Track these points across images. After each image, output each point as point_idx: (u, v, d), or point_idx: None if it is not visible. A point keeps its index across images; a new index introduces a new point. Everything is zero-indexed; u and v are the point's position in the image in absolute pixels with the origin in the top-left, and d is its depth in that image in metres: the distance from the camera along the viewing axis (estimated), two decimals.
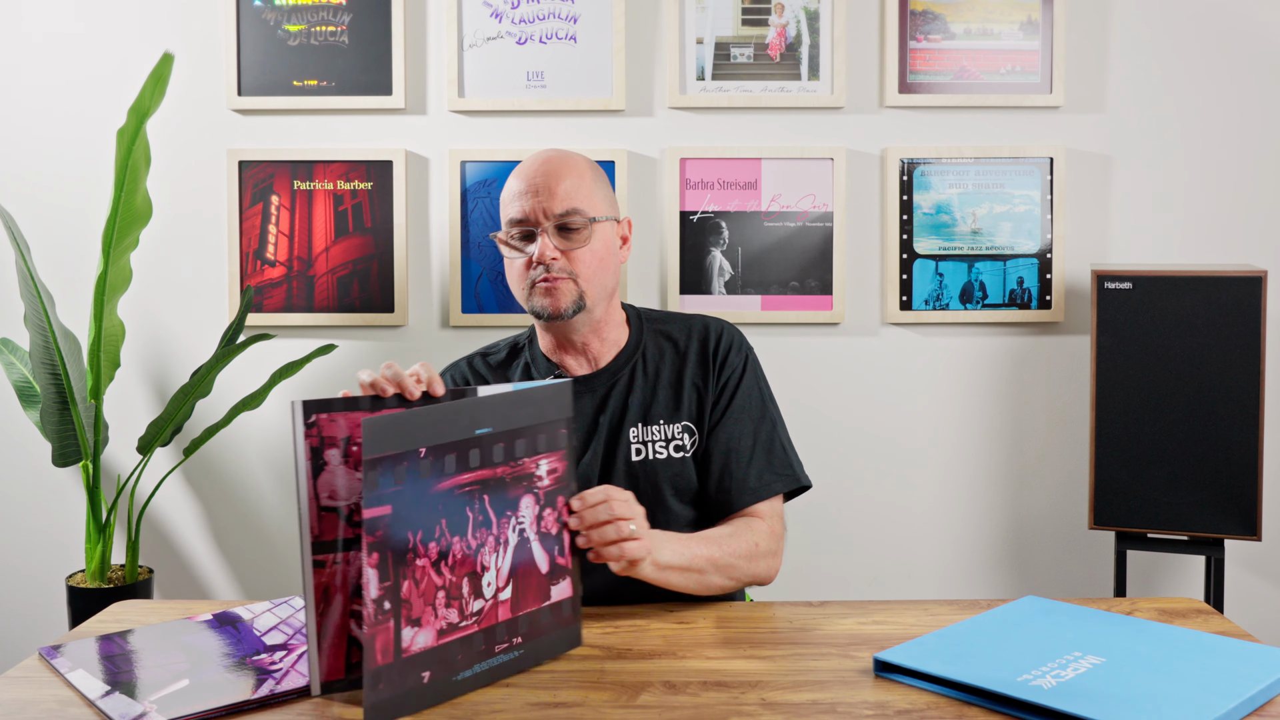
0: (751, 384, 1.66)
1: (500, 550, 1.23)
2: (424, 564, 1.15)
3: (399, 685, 1.13)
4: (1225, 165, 2.59)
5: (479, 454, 1.20)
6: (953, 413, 2.64)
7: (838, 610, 1.46)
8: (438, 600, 1.17)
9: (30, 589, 2.68)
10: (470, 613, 1.20)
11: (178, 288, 2.64)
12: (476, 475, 1.20)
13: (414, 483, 1.15)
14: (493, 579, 1.22)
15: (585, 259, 1.59)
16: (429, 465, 1.16)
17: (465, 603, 1.19)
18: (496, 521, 1.23)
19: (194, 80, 2.60)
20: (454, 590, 1.18)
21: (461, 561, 1.19)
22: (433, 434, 1.16)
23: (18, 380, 2.53)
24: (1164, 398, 2.30)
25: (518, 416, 1.25)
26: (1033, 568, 2.65)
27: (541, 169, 1.61)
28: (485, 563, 1.21)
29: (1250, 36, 2.58)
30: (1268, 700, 1.13)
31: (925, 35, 2.58)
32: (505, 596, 1.23)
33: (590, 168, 1.65)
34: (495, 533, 1.22)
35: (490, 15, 2.59)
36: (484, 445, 1.21)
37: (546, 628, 1.28)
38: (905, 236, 2.59)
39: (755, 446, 1.62)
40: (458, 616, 1.19)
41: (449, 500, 1.18)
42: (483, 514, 1.21)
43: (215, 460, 2.67)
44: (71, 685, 1.21)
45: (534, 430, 1.26)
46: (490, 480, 1.22)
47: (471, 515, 1.20)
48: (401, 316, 2.61)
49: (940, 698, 1.16)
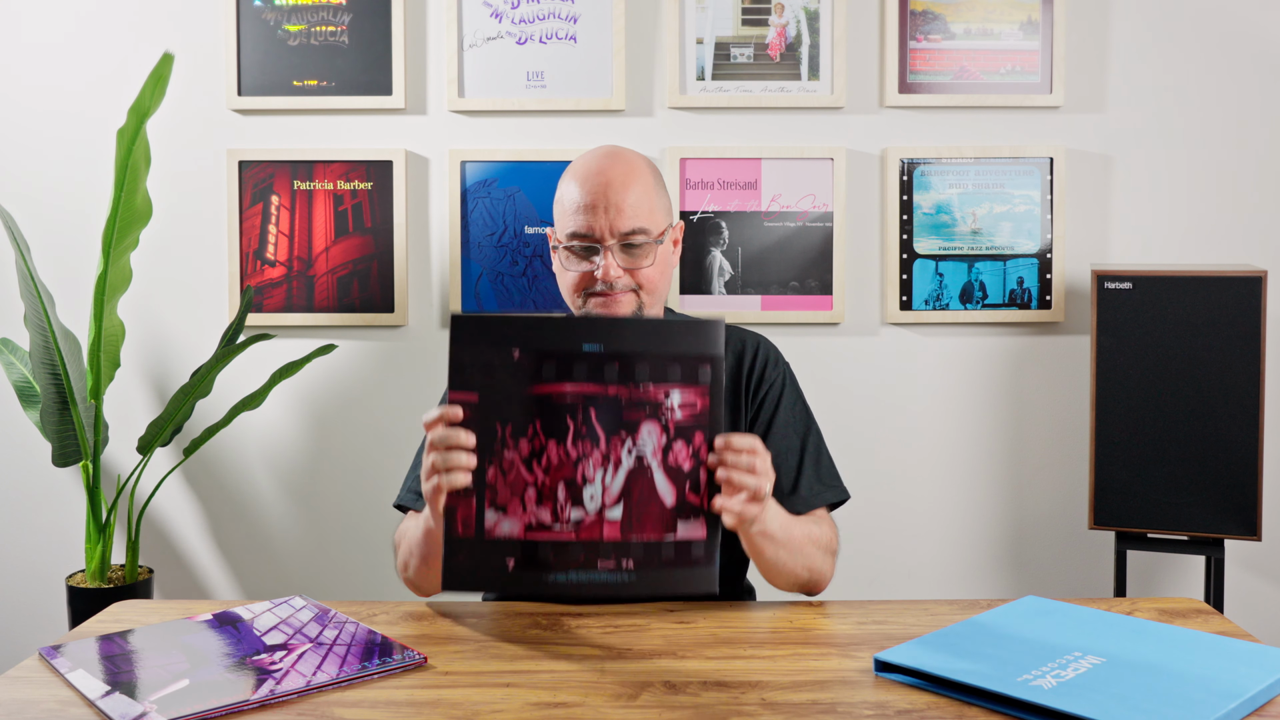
0: (793, 397, 1.67)
1: (608, 468, 1.24)
2: (513, 457, 1.21)
3: (480, 561, 1.18)
4: (1225, 165, 2.59)
5: (585, 368, 1.22)
6: (953, 413, 2.64)
7: (838, 610, 1.46)
8: (527, 495, 1.21)
9: (30, 589, 2.68)
10: (567, 519, 1.22)
11: (178, 288, 2.64)
12: (580, 388, 1.22)
13: (505, 379, 1.20)
14: (596, 493, 1.24)
15: (649, 275, 1.59)
16: (523, 367, 1.20)
17: (560, 507, 1.22)
18: (605, 438, 1.24)
19: (194, 80, 2.60)
20: (546, 491, 1.22)
21: (558, 466, 1.22)
22: (529, 340, 1.21)
23: (18, 380, 2.53)
24: (1164, 398, 2.30)
25: (641, 341, 1.25)
26: (1033, 568, 2.65)
27: (606, 179, 1.57)
28: (588, 475, 1.23)
29: (1250, 36, 2.58)
30: (1268, 700, 1.13)
31: (925, 35, 2.58)
32: (614, 516, 1.25)
33: (652, 174, 1.62)
34: (604, 449, 1.24)
35: (490, 15, 2.59)
36: (592, 361, 1.23)
37: (669, 562, 1.27)
38: (905, 236, 2.59)
39: (804, 459, 1.62)
40: (550, 518, 1.22)
41: (546, 405, 1.21)
42: (587, 426, 1.23)
43: (215, 460, 2.67)
44: (71, 685, 1.21)
45: (663, 359, 1.25)
46: (599, 397, 1.23)
47: (573, 425, 1.22)
48: (401, 316, 2.61)
49: (940, 698, 1.16)
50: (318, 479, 2.67)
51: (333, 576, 2.67)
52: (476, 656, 1.30)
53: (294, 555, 2.68)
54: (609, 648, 1.32)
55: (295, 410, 2.66)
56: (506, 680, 1.22)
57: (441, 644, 1.34)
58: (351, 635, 1.34)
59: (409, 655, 1.27)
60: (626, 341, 1.24)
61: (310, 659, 1.27)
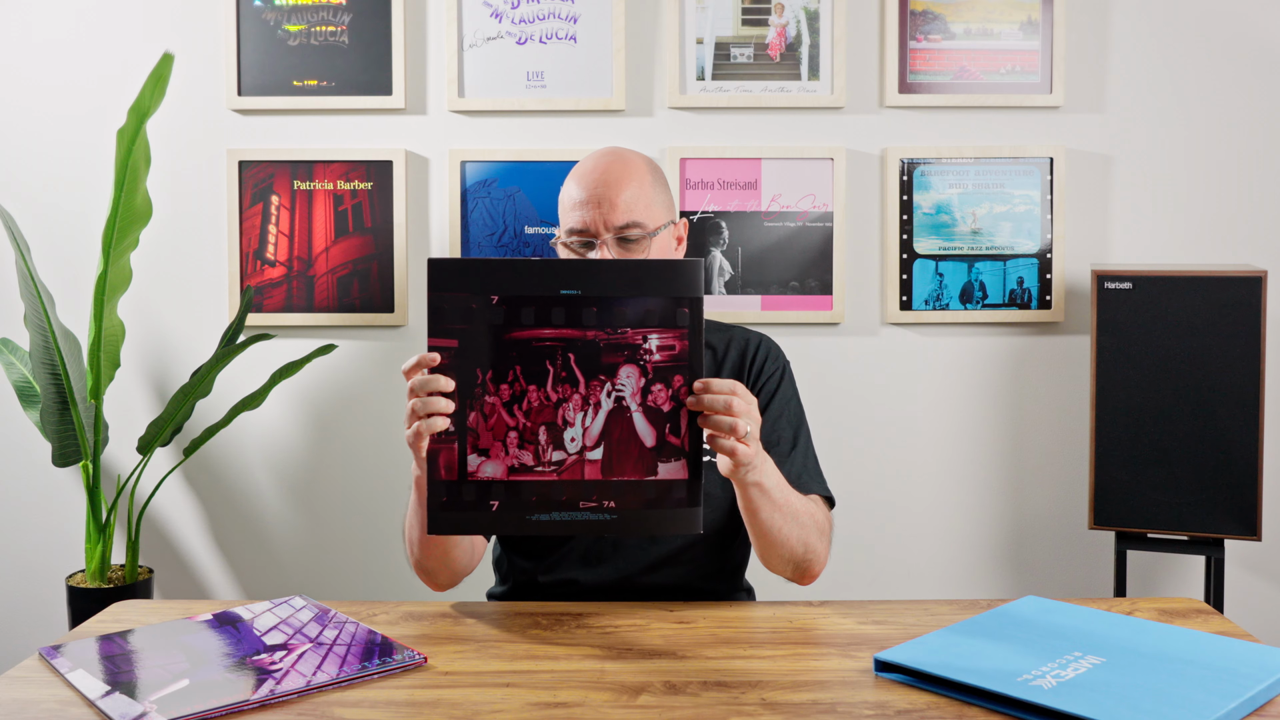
0: (789, 391, 1.68)
1: (588, 410, 1.26)
2: (493, 401, 1.23)
3: (463, 504, 1.22)
4: (1225, 165, 2.59)
5: (564, 313, 1.24)
6: (953, 413, 2.64)
7: (838, 610, 1.46)
8: (508, 438, 1.24)
9: (30, 589, 2.68)
10: (548, 460, 1.25)
11: (178, 288, 2.64)
12: (559, 333, 1.24)
13: (483, 324, 1.23)
14: (578, 435, 1.26)
15: None
16: (501, 313, 1.23)
17: (542, 449, 1.25)
18: (585, 382, 1.26)
19: (194, 80, 2.60)
20: (528, 434, 1.25)
21: (538, 410, 1.24)
22: (507, 285, 1.22)
23: (18, 380, 2.53)
24: (1164, 398, 2.30)
25: (619, 285, 1.26)
26: (1033, 568, 2.65)
27: (602, 177, 1.59)
28: (569, 418, 1.26)
29: (1250, 36, 2.58)
30: (1268, 700, 1.13)
31: (925, 35, 2.58)
32: (594, 457, 1.27)
33: (650, 171, 1.64)
34: (583, 392, 1.26)
35: (490, 15, 2.59)
36: (570, 306, 1.24)
37: (650, 501, 1.28)
38: (905, 236, 2.59)
39: (795, 447, 1.63)
40: (532, 460, 1.25)
41: (525, 349, 1.24)
42: (566, 370, 1.25)
43: (215, 460, 2.67)
44: (71, 685, 1.21)
45: (641, 302, 1.26)
46: (578, 341, 1.25)
47: (552, 369, 1.25)
48: (401, 316, 2.61)
49: (940, 698, 1.16)
50: (318, 479, 2.67)
51: (333, 576, 2.67)
52: (476, 656, 1.30)
53: (294, 555, 2.68)
54: (609, 648, 1.32)
55: (295, 410, 2.66)
56: (506, 680, 1.22)
57: (441, 644, 1.34)
58: (351, 635, 1.34)
59: (409, 655, 1.27)
60: (605, 285, 1.25)
61: (310, 659, 1.27)
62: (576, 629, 1.39)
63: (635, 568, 1.60)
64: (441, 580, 1.56)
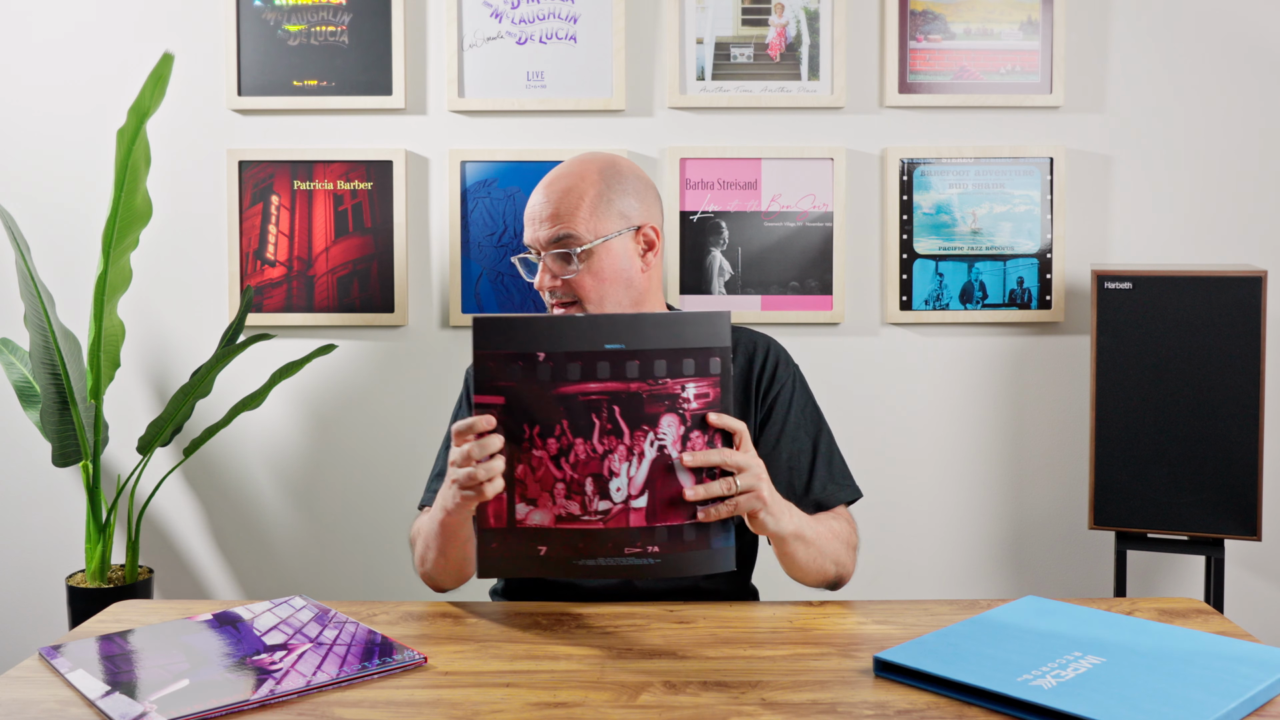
0: (804, 399, 1.68)
1: (633, 460, 1.27)
2: (541, 455, 1.24)
3: (512, 549, 1.24)
4: (1225, 165, 2.59)
5: (608, 367, 1.24)
6: (953, 413, 2.64)
7: (838, 610, 1.46)
8: (556, 490, 1.26)
9: (30, 589, 2.68)
10: (595, 510, 1.26)
11: (178, 288, 2.64)
12: (605, 386, 1.24)
13: (530, 382, 1.23)
14: (623, 485, 1.27)
15: (585, 283, 1.60)
16: (549, 369, 1.23)
17: (588, 499, 1.26)
18: (630, 433, 1.26)
19: (194, 80, 2.60)
20: (575, 486, 1.26)
21: (585, 462, 1.25)
22: (553, 341, 1.23)
23: (18, 380, 2.53)
24: (1164, 398, 2.30)
25: (657, 338, 1.27)
26: (1033, 568, 2.65)
27: (543, 193, 1.62)
28: (614, 469, 1.26)
29: (1251, 36, 2.58)
30: (1268, 700, 1.13)
31: (925, 35, 2.58)
32: (639, 505, 1.28)
33: (599, 180, 1.62)
34: (628, 443, 1.27)
35: (490, 15, 2.59)
36: (614, 360, 1.25)
37: (691, 544, 1.30)
38: (905, 236, 2.59)
39: (816, 459, 1.64)
40: (579, 509, 1.26)
41: (572, 404, 1.24)
42: (612, 423, 1.26)
43: (215, 460, 2.67)
44: (71, 685, 1.21)
45: (678, 354, 1.28)
46: (622, 394, 1.25)
47: (598, 422, 1.25)
48: (401, 316, 2.61)
49: (940, 698, 1.16)
50: (318, 479, 2.67)
51: (333, 576, 2.67)
52: (476, 656, 1.30)
53: (294, 555, 2.68)
54: (609, 648, 1.32)
55: (295, 410, 2.66)
56: (506, 680, 1.22)
57: (441, 644, 1.34)
58: (351, 635, 1.34)
59: (409, 655, 1.27)
60: (645, 338, 1.27)
61: (310, 659, 1.27)
62: (576, 629, 1.39)
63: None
64: (448, 588, 1.59)
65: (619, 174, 1.64)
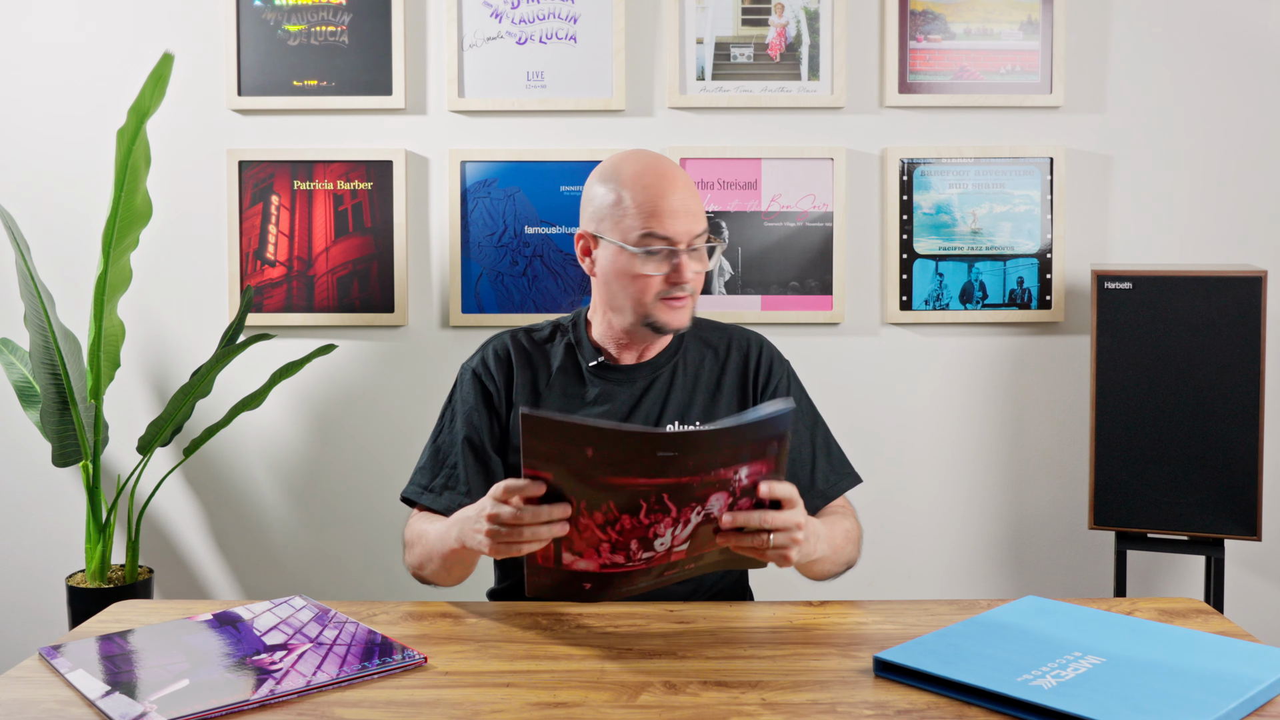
0: (799, 393, 1.73)
1: (679, 525, 1.26)
2: (587, 523, 1.23)
3: (558, 582, 1.28)
4: (1225, 165, 2.59)
5: (658, 465, 1.19)
6: (953, 413, 2.64)
7: (838, 610, 1.46)
8: (601, 547, 1.25)
9: (30, 589, 2.68)
10: (639, 558, 1.27)
11: (178, 288, 2.64)
12: (654, 481, 1.20)
13: (579, 469, 1.19)
14: (667, 542, 1.27)
15: (703, 278, 1.66)
16: (597, 463, 1.18)
17: (632, 553, 1.26)
18: (677, 510, 1.24)
19: (194, 80, 2.60)
20: (619, 545, 1.25)
21: (631, 530, 1.24)
22: (603, 445, 1.17)
23: (18, 380, 2.53)
24: (1164, 398, 2.30)
25: (716, 445, 1.21)
26: (1033, 568, 2.65)
27: (681, 190, 1.61)
28: (659, 533, 1.25)
29: (1251, 36, 2.58)
30: (1268, 700, 1.13)
31: (925, 35, 2.58)
32: (681, 549, 1.29)
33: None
34: (675, 516, 1.24)
35: (490, 15, 2.59)
36: (663, 462, 1.19)
37: (724, 562, 1.36)
38: (905, 236, 2.59)
39: (815, 452, 1.69)
40: (624, 560, 1.27)
41: (620, 490, 1.20)
42: (659, 505, 1.22)
43: (215, 460, 2.67)
44: (71, 685, 1.21)
45: (736, 452, 1.23)
46: (673, 485, 1.21)
47: (646, 504, 1.22)
48: (401, 316, 2.61)
49: (940, 698, 1.16)
50: (318, 479, 2.67)
51: (333, 576, 2.67)
52: (476, 656, 1.30)
53: (294, 555, 2.68)
54: (609, 648, 1.32)
55: (295, 410, 2.66)
56: (506, 680, 1.22)
57: (441, 644, 1.34)
58: (351, 635, 1.34)
59: (409, 655, 1.27)
60: (703, 448, 1.20)
61: (310, 659, 1.27)
62: (576, 629, 1.39)
63: None
64: (442, 588, 1.61)
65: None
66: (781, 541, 1.31)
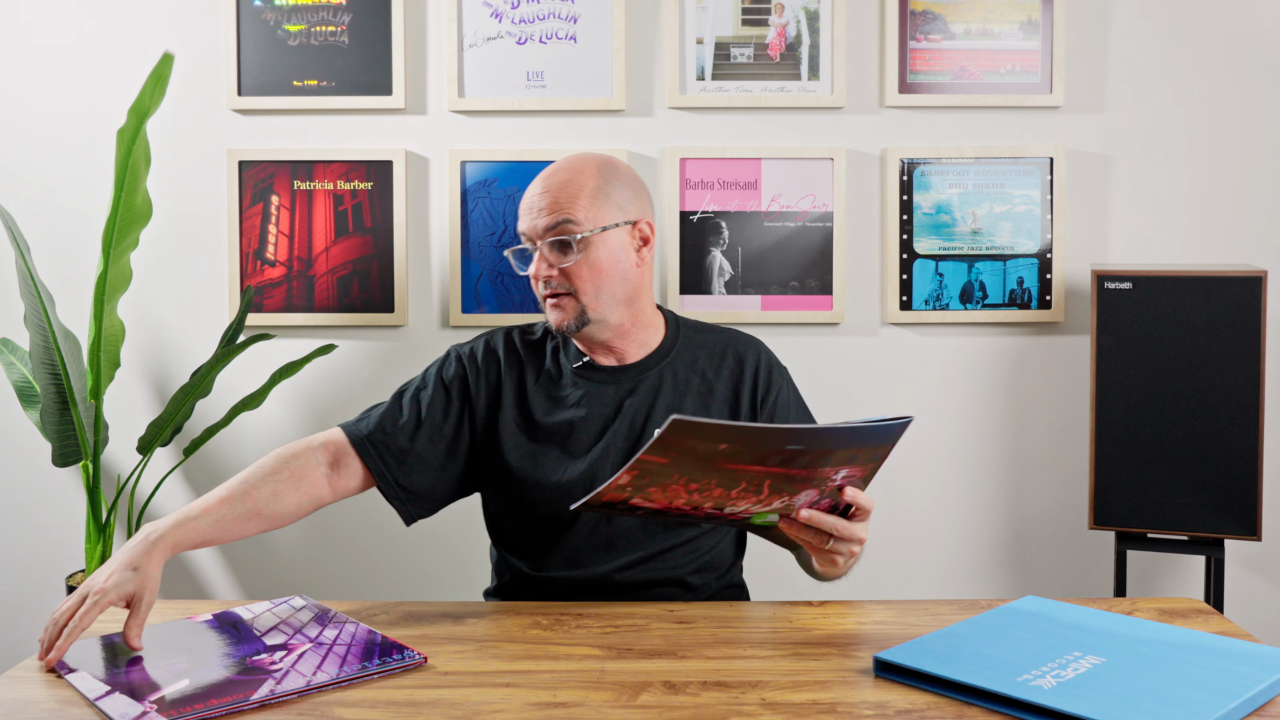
0: (796, 399, 1.73)
1: (759, 505, 1.29)
2: (677, 488, 1.24)
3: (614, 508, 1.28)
4: (1225, 165, 2.59)
5: (780, 459, 1.22)
6: (953, 413, 2.64)
7: (838, 610, 1.46)
8: (676, 500, 1.26)
9: (30, 589, 2.68)
10: (704, 511, 1.30)
11: (178, 288, 2.64)
12: (768, 470, 1.23)
13: (702, 457, 1.20)
14: (737, 511, 1.30)
15: (582, 274, 1.60)
16: (726, 454, 1.20)
17: (699, 507, 1.28)
18: (769, 494, 1.27)
19: (194, 80, 2.60)
20: (693, 502, 1.27)
21: (715, 498, 1.26)
22: (739, 438, 1.19)
23: (18, 380, 2.53)
24: (1164, 398, 2.30)
25: (838, 442, 1.25)
26: (1033, 568, 2.65)
27: (542, 183, 1.63)
28: (737, 505, 1.28)
29: (1251, 36, 2.58)
30: (1268, 700, 1.13)
31: (925, 35, 2.58)
32: (740, 514, 1.32)
33: (598, 174, 1.63)
34: (763, 499, 1.27)
35: (490, 15, 2.59)
36: (788, 454, 1.22)
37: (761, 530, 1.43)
38: (905, 236, 2.59)
39: None
40: (688, 510, 1.29)
41: (733, 473, 1.22)
42: (756, 488, 1.25)
43: (215, 460, 2.67)
44: (72, 685, 1.21)
45: (849, 453, 1.27)
46: (780, 475, 1.24)
47: (745, 484, 1.24)
48: (401, 316, 2.61)
49: (940, 698, 1.16)
50: None
51: (333, 576, 2.67)
52: (476, 656, 1.30)
53: (294, 555, 2.68)
54: (609, 648, 1.32)
55: (295, 410, 2.66)
56: (506, 680, 1.22)
57: (441, 644, 1.34)
58: (351, 635, 1.34)
59: (409, 655, 1.27)
60: (830, 444, 1.24)
61: (310, 659, 1.27)
62: (576, 629, 1.39)
63: (620, 564, 1.60)
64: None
65: (615, 169, 1.66)
66: (840, 550, 1.34)
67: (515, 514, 1.65)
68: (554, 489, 1.60)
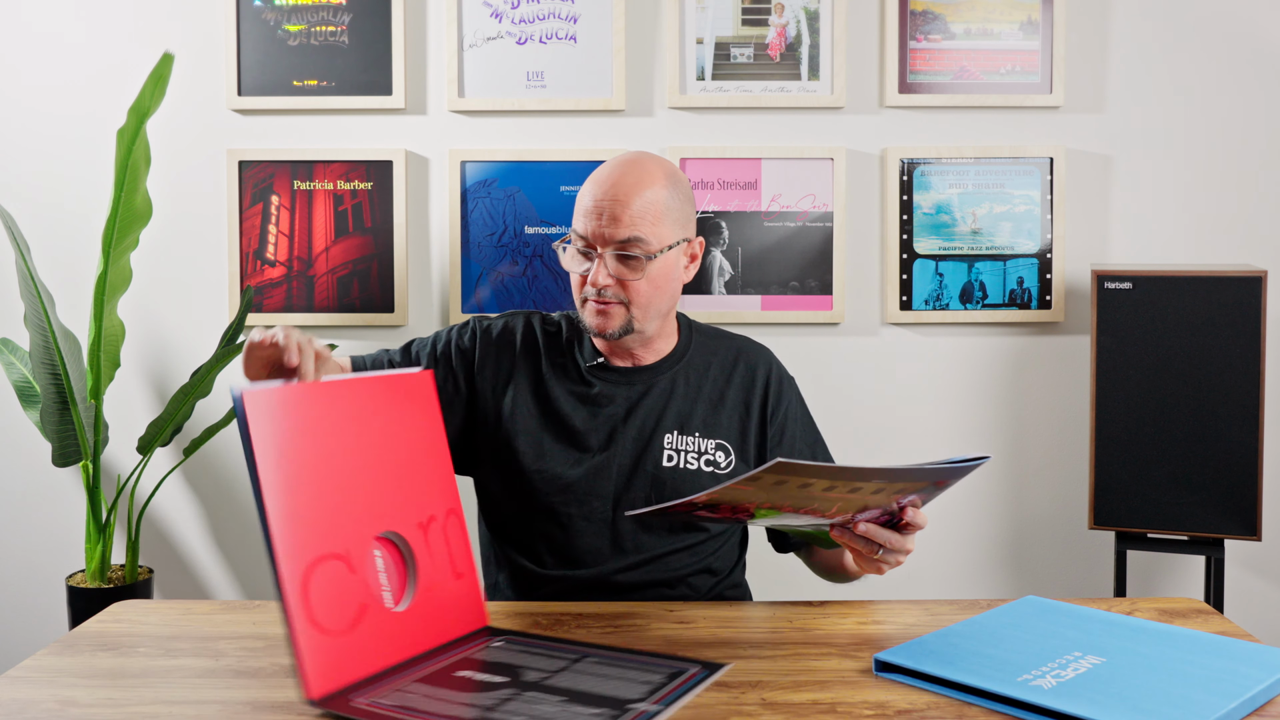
0: (803, 411, 1.74)
1: (821, 518, 1.30)
2: (749, 504, 1.23)
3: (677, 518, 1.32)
4: (1225, 165, 2.59)
5: (848, 486, 1.22)
6: (953, 413, 2.64)
7: (838, 610, 1.46)
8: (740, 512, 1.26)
9: (30, 589, 2.68)
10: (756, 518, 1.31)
11: (178, 288, 2.64)
12: (844, 495, 1.23)
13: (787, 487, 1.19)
14: (794, 522, 1.32)
15: (640, 288, 1.56)
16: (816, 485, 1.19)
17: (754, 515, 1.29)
18: (835, 512, 1.27)
19: (194, 80, 2.60)
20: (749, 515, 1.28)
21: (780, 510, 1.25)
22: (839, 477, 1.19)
23: (18, 380, 2.53)
24: (1164, 398, 2.30)
25: (923, 478, 1.25)
26: (1033, 568, 2.65)
27: (614, 188, 1.55)
28: (793, 521, 1.30)
29: (1251, 36, 2.58)
30: (1268, 700, 1.13)
31: (925, 35, 2.58)
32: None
33: (669, 184, 1.58)
34: (829, 513, 1.28)
35: (490, 15, 2.59)
36: (870, 488, 1.23)
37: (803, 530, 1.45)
38: (905, 236, 2.59)
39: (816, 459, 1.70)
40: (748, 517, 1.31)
41: (807, 495, 1.21)
42: (825, 504, 1.25)
43: (215, 460, 2.67)
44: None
45: (920, 485, 1.28)
46: (853, 500, 1.25)
47: (817, 504, 1.24)
48: (401, 316, 2.61)
49: (940, 698, 1.16)
50: None
51: None
52: None
53: None
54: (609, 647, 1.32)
55: None
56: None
57: None
58: None
59: None
60: (914, 478, 1.25)
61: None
62: (576, 629, 1.38)
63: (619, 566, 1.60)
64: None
65: (679, 183, 1.62)
66: (889, 561, 1.37)
67: (512, 502, 1.64)
68: (555, 482, 1.60)
